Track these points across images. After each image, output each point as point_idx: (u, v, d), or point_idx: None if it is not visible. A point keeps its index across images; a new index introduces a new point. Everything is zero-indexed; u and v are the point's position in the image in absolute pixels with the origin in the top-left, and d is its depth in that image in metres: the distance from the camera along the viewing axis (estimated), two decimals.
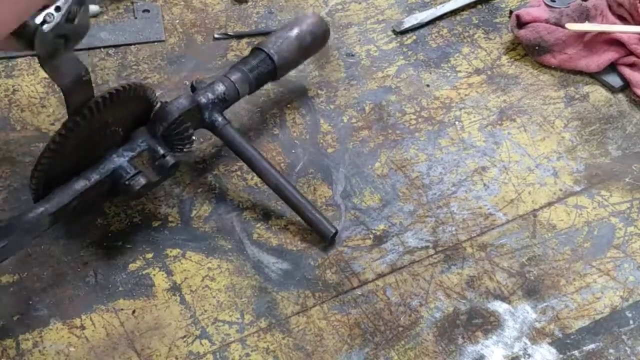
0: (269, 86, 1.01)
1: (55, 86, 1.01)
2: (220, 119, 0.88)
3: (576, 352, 0.78)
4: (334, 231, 0.84)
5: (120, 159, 0.82)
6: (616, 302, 0.81)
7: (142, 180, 0.81)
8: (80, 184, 0.80)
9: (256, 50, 0.94)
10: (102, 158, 0.81)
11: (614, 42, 1.03)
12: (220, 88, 0.89)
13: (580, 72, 1.04)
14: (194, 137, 0.86)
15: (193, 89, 0.89)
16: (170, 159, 0.83)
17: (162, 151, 0.83)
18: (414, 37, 1.09)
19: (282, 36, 0.95)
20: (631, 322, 0.80)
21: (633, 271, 0.84)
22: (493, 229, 0.88)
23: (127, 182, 0.81)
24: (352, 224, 0.88)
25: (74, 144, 0.78)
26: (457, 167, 0.94)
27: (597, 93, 1.02)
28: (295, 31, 0.95)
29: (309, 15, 0.98)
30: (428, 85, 1.03)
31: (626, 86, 1.02)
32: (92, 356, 0.76)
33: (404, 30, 1.09)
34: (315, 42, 0.97)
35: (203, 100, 0.87)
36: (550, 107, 1.00)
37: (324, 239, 0.85)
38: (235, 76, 0.90)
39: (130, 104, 0.81)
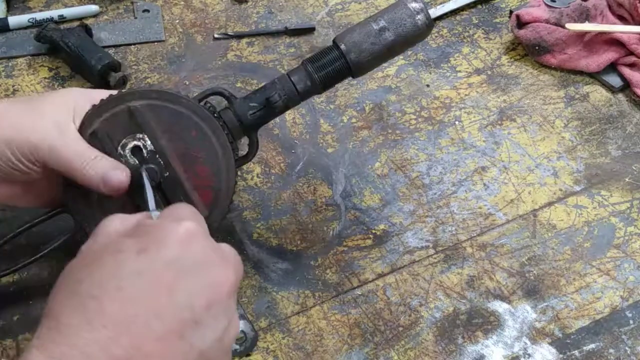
0: None
1: (56, 86, 1.01)
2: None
3: (576, 352, 0.77)
4: None
5: None
6: (616, 302, 0.81)
7: None
8: None
9: (332, 45, 0.79)
10: None
11: (614, 42, 1.03)
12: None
13: (580, 72, 1.04)
14: None
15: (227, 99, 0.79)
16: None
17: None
18: None
19: (366, 31, 0.78)
20: (631, 322, 0.80)
21: (633, 271, 0.84)
22: (493, 229, 0.88)
23: None
24: (352, 224, 0.88)
25: None
26: (457, 167, 0.94)
27: (597, 93, 1.02)
28: (381, 24, 0.78)
29: (408, 6, 0.79)
30: (428, 85, 1.03)
31: (626, 86, 1.02)
32: None
33: None
34: (408, 40, 0.80)
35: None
36: (550, 107, 1.00)
37: None
38: (297, 76, 0.79)
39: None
